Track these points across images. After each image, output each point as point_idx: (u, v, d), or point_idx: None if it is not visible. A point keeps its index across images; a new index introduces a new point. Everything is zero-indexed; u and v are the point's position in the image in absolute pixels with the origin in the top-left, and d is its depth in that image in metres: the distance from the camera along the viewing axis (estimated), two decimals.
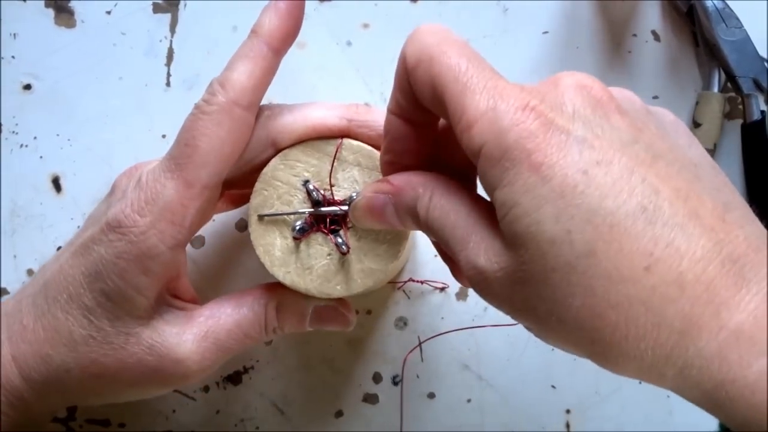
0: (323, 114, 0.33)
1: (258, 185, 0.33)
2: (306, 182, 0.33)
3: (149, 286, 0.32)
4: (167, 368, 0.32)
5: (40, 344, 0.32)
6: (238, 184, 0.34)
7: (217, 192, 0.33)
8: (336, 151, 0.33)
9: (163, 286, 0.33)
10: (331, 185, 0.33)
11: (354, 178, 0.33)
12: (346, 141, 0.33)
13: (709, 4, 0.39)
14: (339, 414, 0.41)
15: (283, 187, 0.33)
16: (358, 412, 0.41)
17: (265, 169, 0.33)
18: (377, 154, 0.33)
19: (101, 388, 0.33)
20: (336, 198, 0.33)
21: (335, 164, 0.33)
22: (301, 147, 0.33)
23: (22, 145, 0.42)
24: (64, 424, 0.41)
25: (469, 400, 0.40)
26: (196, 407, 0.41)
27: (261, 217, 0.33)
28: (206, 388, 0.41)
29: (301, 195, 0.33)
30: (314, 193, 0.33)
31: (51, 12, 0.42)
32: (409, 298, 0.41)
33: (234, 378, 0.41)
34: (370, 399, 0.41)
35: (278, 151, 0.33)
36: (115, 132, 0.41)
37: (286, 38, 0.33)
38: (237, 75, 0.32)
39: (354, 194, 0.33)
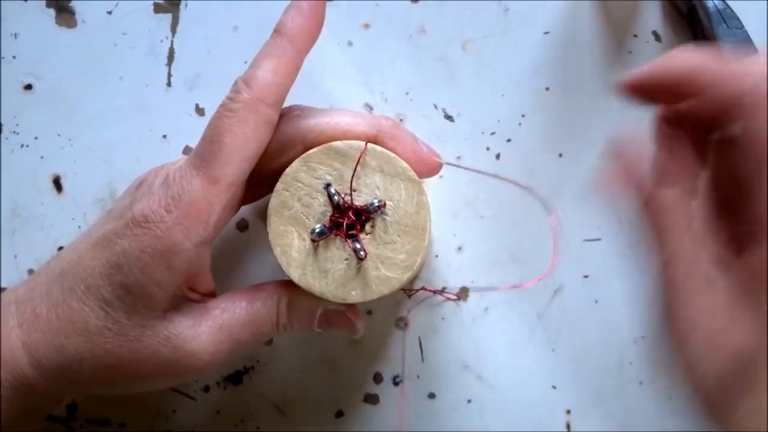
0: (353, 120, 0.33)
1: (279, 186, 0.33)
2: (328, 185, 0.33)
3: (170, 281, 0.32)
4: (181, 360, 0.33)
5: (54, 333, 0.33)
6: (263, 182, 0.34)
7: (242, 189, 0.33)
8: (360, 156, 0.33)
9: (182, 280, 0.33)
10: (352, 190, 0.33)
11: (376, 184, 0.33)
12: (370, 146, 0.33)
13: (710, 4, 0.39)
14: (339, 414, 0.41)
15: (304, 189, 0.33)
16: (358, 412, 0.41)
17: (287, 170, 0.33)
18: (401, 161, 0.33)
19: (114, 379, 0.34)
20: (356, 203, 0.33)
21: (357, 169, 0.33)
22: (325, 150, 0.33)
23: (22, 145, 0.42)
24: (65, 423, 0.41)
25: (469, 400, 0.40)
26: (196, 407, 0.41)
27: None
28: (206, 388, 0.41)
29: (322, 198, 0.33)
30: (335, 197, 0.33)
31: (52, 12, 0.42)
32: (409, 297, 0.41)
33: (234, 378, 0.41)
34: (370, 399, 0.41)
35: (306, 150, 0.33)
36: (115, 132, 0.41)
37: (309, 37, 0.33)
38: (261, 73, 0.32)
39: (375, 201, 0.33)
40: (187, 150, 0.41)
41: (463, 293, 0.41)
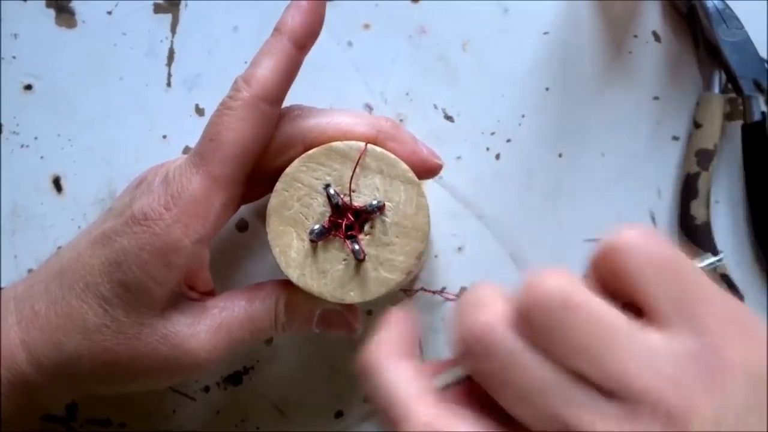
0: (353, 121, 0.33)
1: (278, 185, 0.33)
2: (327, 186, 0.33)
3: (169, 279, 0.32)
4: (179, 358, 0.33)
5: (53, 331, 0.33)
6: (262, 182, 0.34)
7: (242, 187, 0.33)
8: (359, 157, 0.33)
9: (181, 278, 0.33)
10: (351, 190, 0.33)
11: (375, 185, 0.33)
12: (370, 147, 0.33)
13: (709, 4, 0.39)
14: (339, 414, 0.41)
15: (304, 189, 0.33)
16: (358, 412, 0.41)
17: (287, 170, 0.33)
18: (401, 163, 0.33)
19: (112, 377, 0.34)
20: (355, 204, 0.33)
21: (357, 170, 0.33)
22: (325, 150, 0.33)
23: (22, 146, 0.42)
24: (64, 424, 0.41)
25: None
26: (196, 407, 0.41)
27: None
28: (206, 389, 0.41)
29: (321, 198, 0.33)
30: (335, 197, 0.33)
31: (52, 12, 0.42)
32: (409, 298, 0.41)
33: (234, 378, 0.41)
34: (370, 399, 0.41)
35: (306, 150, 0.33)
36: (115, 132, 0.41)
37: (310, 35, 0.33)
38: (261, 71, 0.32)
39: (374, 202, 0.33)
40: (186, 150, 0.41)
41: (462, 294, 0.41)
